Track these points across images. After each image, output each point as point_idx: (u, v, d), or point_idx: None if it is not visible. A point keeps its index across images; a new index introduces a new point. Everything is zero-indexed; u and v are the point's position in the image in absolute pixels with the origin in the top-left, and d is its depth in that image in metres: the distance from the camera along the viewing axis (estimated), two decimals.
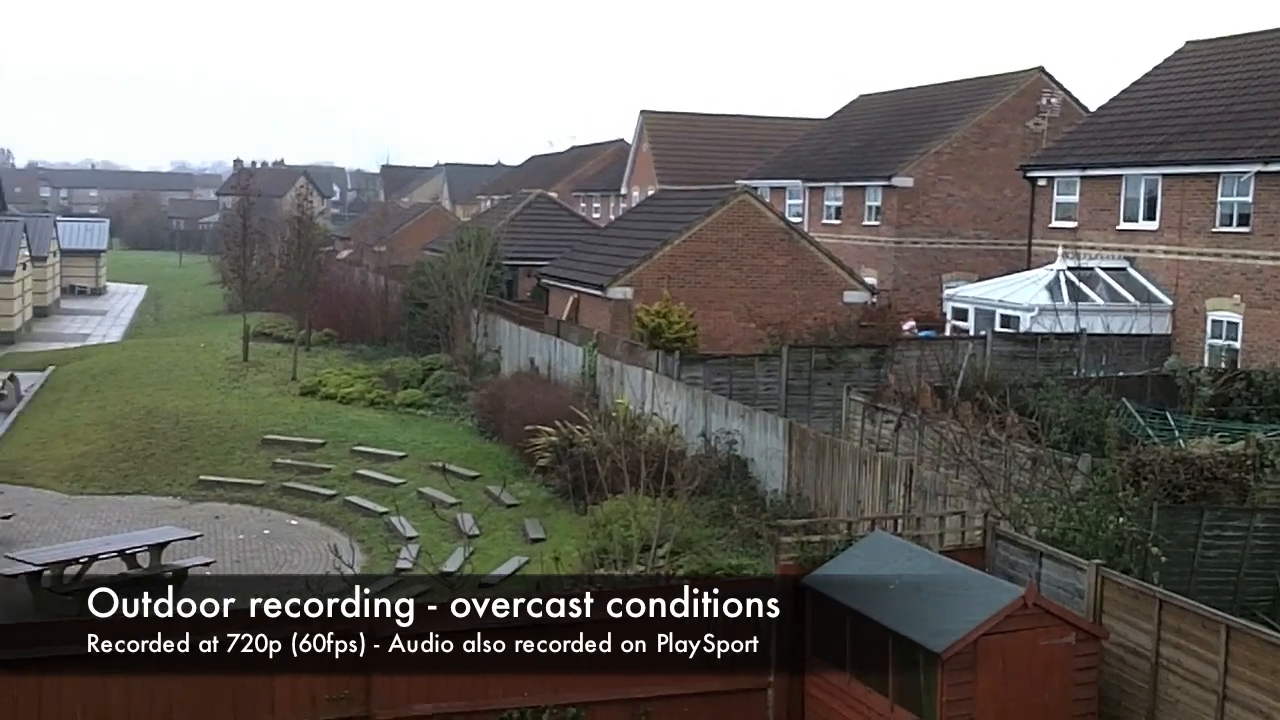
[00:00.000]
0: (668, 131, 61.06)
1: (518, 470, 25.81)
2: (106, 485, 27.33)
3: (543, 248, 44.36)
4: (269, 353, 40.38)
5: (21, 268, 54.78)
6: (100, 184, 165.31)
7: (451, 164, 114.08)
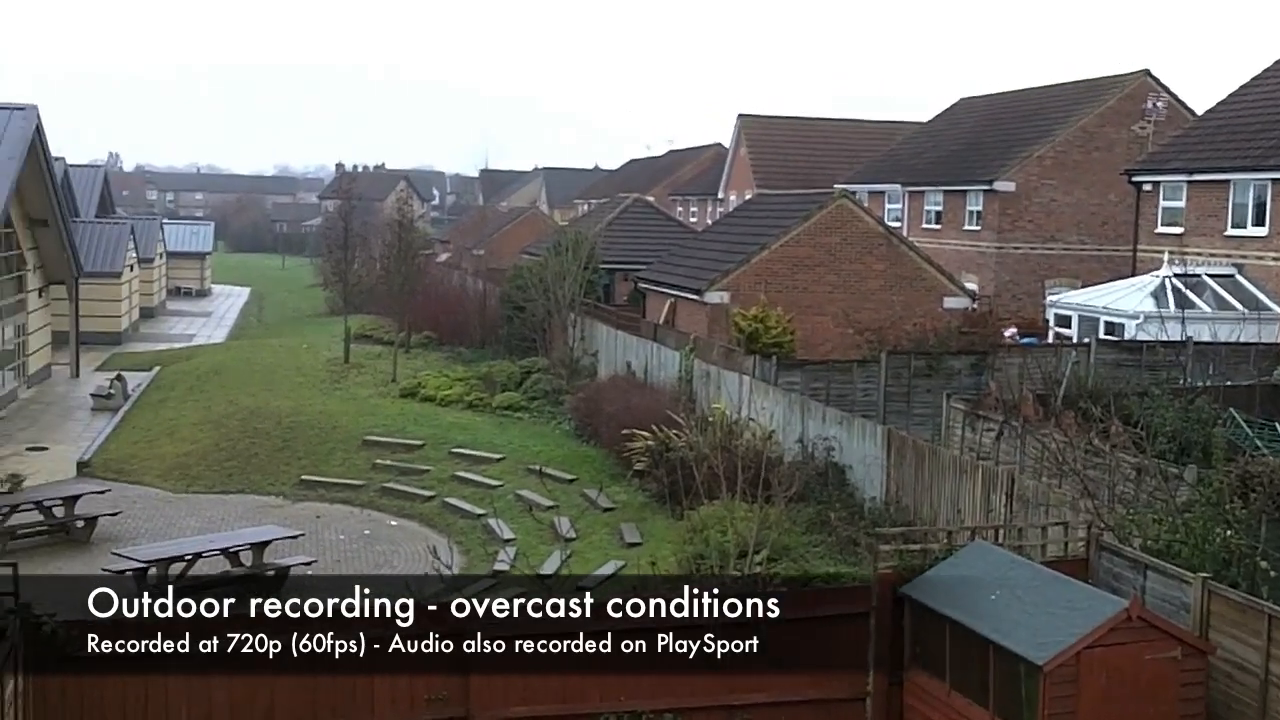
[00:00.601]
0: (765, 135, 60.89)
1: (614, 474, 25.87)
2: (210, 484, 27.87)
3: (640, 252, 44.46)
4: (369, 354, 40.92)
5: (129, 269, 56.10)
6: (206, 187, 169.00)
7: (550, 168, 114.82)
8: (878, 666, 13.35)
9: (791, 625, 13.11)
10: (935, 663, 13.06)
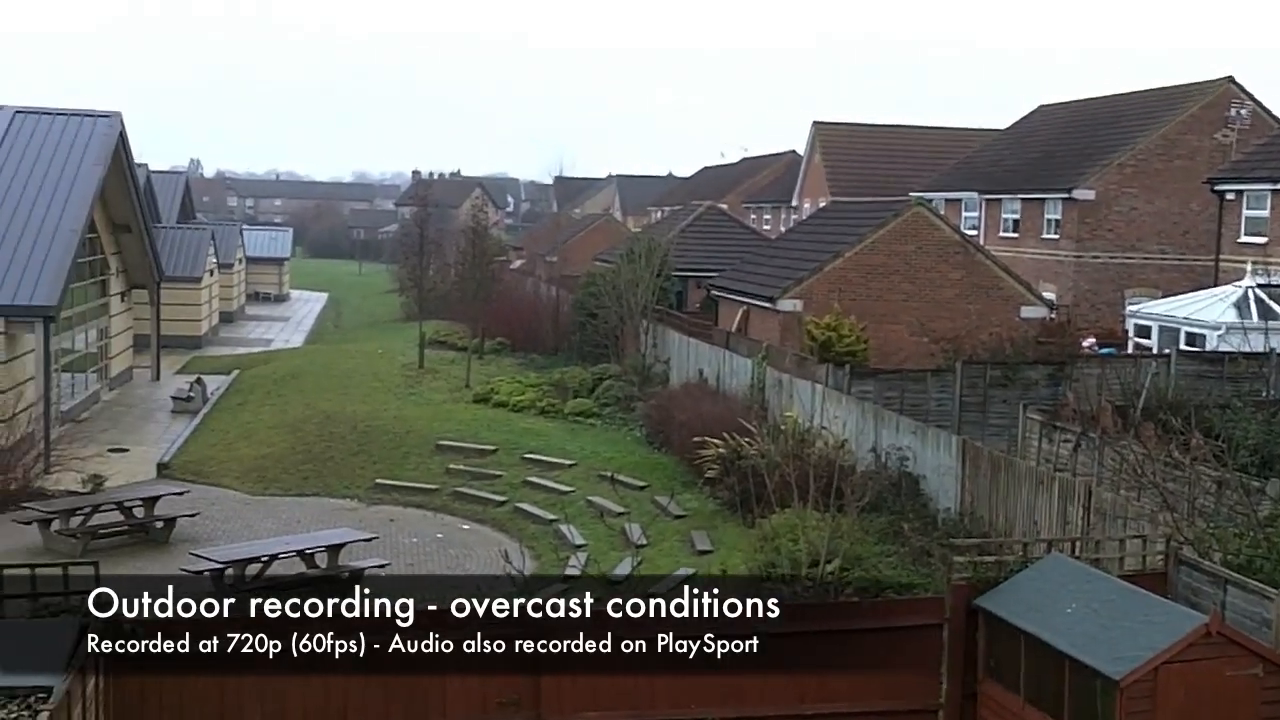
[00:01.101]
0: (840, 142, 60.64)
1: (685, 481, 25.85)
2: (287, 486, 28.21)
3: (712, 259, 44.44)
4: (444, 360, 41.24)
5: (209, 274, 56.99)
6: (284, 194, 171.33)
7: (623, 175, 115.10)
8: (951, 678, 13.23)
9: (864, 635, 13.03)
10: (1009, 676, 12.91)
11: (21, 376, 29.72)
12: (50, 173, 33.13)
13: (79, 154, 34.07)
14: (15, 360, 29.47)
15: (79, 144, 34.42)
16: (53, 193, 32.45)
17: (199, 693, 12.43)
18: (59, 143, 34.30)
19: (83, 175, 33.40)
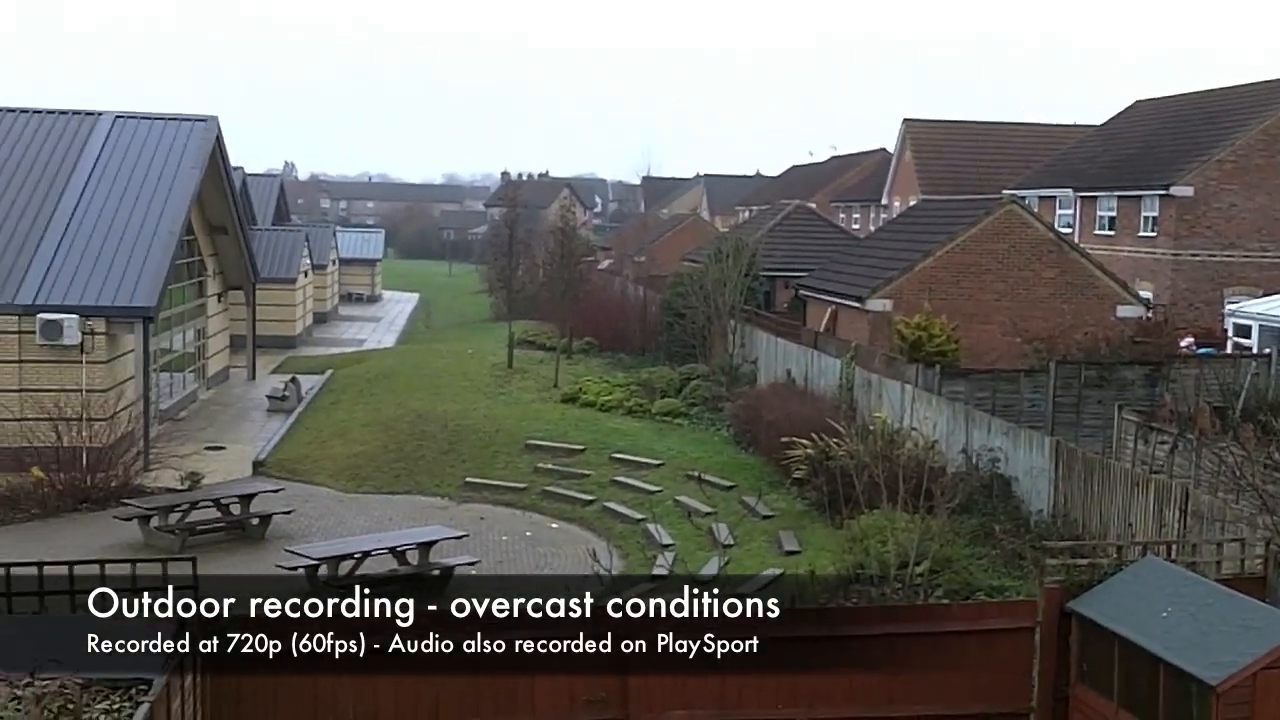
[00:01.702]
0: (931, 140, 60.05)
1: (773, 482, 25.77)
2: (379, 484, 28.56)
3: (801, 259, 44.25)
4: (532, 360, 41.50)
5: (303, 275, 57.87)
6: (376, 196, 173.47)
7: (711, 175, 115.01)
8: (1042, 682, 13.06)
9: (954, 638, 12.91)
10: (1102, 680, 12.71)
11: (122, 376, 30.41)
12: (149, 176, 33.85)
13: (176, 158, 34.76)
14: (115, 360, 30.16)
15: (176, 148, 35.12)
16: (151, 196, 33.15)
17: (293, 687, 12.62)
18: (157, 147, 35.03)
19: (180, 178, 34.07)
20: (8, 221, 31.41)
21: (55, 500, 25.27)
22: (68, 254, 30.70)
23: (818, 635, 12.77)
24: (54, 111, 35.85)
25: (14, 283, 29.64)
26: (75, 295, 29.62)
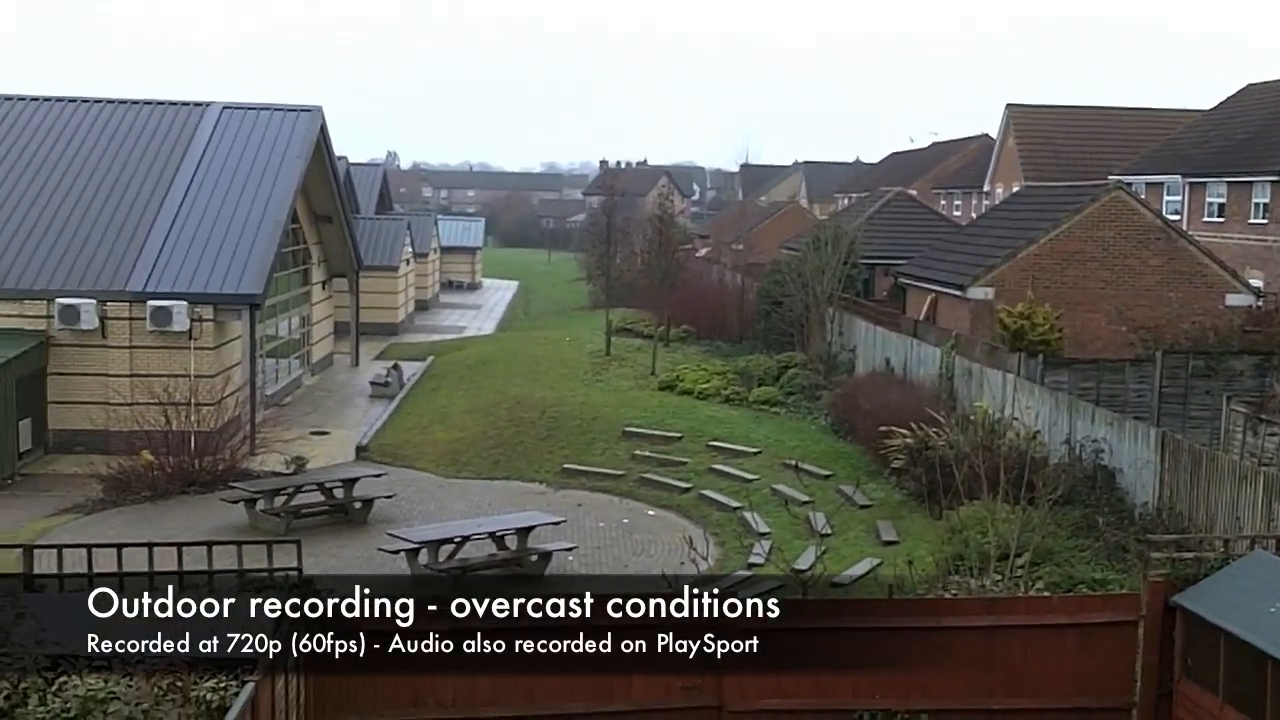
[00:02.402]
0: (1035, 125, 59.05)
1: (871, 471, 25.61)
2: (478, 470, 28.88)
3: (900, 246, 43.82)
4: (630, 347, 41.63)
5: (405, 263, 58.58)
6: (477, 184, 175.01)
7: (809, 162, 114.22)
8: (1146, 677, 12.84)
9: (1056, 631, 12.75)
10: (1208, 676, 12.47)
11: (229, 362, 31.07)
12: (255, 166, 34.51)
13: (282, 147, 35.38)
14: (223, 346, 30.82)
15: (282, 138, 35.75)
16: (258, 185, 33.79)
17: (394, 672, 12.79)
18: (263, 137, 35.68)
19: (286, 168, 34.68)
20: (119, 211, 32.24)
21: (164, 483, 25.91)
22: (176, 242, 31.42)
23: (915, 626, 12.68)
24: (164, 103, 36.68)
25: (125, 270, 30.42)
26: (184, 283, 30.32)
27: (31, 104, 36.13)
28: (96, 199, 32.60)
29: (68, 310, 29.36)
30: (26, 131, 34.95)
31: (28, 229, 31.50)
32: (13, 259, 30.62)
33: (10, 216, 31.83)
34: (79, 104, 36.30)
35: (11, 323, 29.53)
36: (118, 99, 36.65)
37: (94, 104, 36.34)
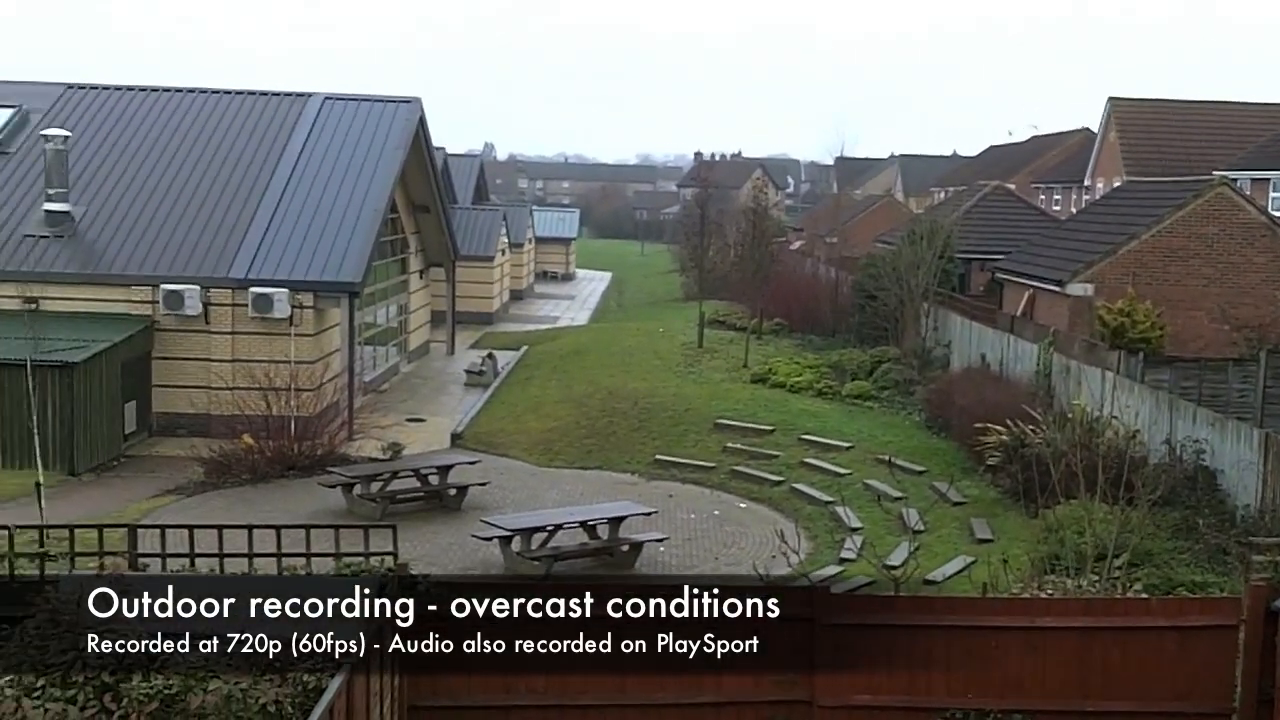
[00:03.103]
0: (1137, 119, 57.95)
1: (965, 468, 25.36)
2: (571, 459, 29.05)
3: (998, 241, 43.29)
4: (722, 340, 41.61)
5: (501, 254, 59.07)
6: (572, 176, 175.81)
7: (906, 155, 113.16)
8: (1246, 683, 12.58)
9: (1153, 633, 12.55)
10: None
11: (328, 349, 31.58)
12: (355, 156, 35.02)
13: (382, 138, 35.86)
14: (323, 333, 31.33)
15: (381, 128, 36.23)
16: (357, 175, 34.29)
17: (488, 652, 12.92)
18: (363, 128, 36.19)
19: (385, 158, 35.15)
20: (223, 199, 32.91)
21: (264, 467, 26.41)
22: (278, 230, 31.99)
23: (1010, 625, 12.55)
24: (266, 93, 37.36)
25: (228, 258, 31.05)
26: (285, 270, 30.86)
27: (140, 94, 37.01)
28: (201, 187, 33.31)
29: (172, 296, 30.04)
30: (134, 121, 35.81)
31: (134, 217, 32.29)
32: (120, 245, 31.39)
33: (118, 205, 32.64)
34: (185, 94, 37.11)
35: (118, 308, 30.28)
36: (222, 89, 37.40)
37: (199, 94, 37.13)
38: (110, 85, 37.38)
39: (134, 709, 10.16)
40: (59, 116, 35.44)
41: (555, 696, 12.63)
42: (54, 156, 31.94)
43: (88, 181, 33.17)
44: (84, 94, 36.85)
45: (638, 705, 12.61)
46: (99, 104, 36.41)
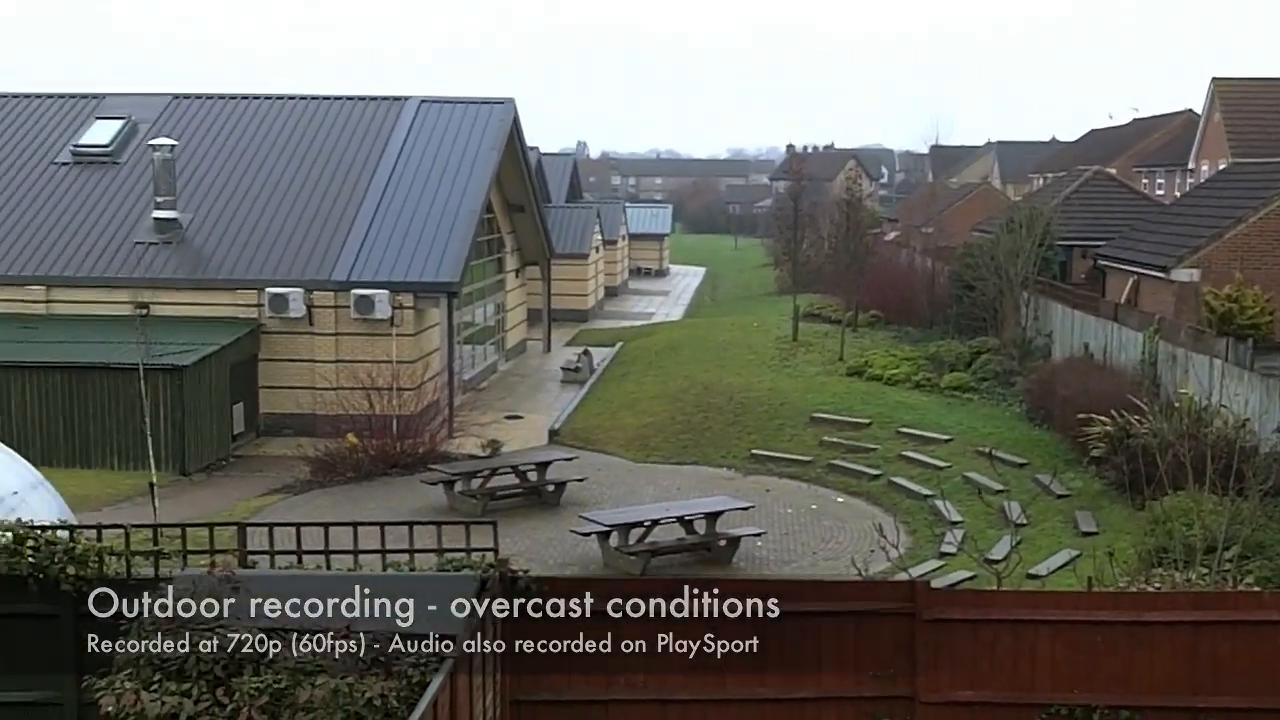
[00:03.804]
0: (1243, 100, 56.52)
1: (1068, 460, 24.98)
2: (667, 454, 29.11)
3: (1099, 227, 42.51)
4: (817, 333, 41.41)
5: (595, 251, 59.34)
6: (664, 172, 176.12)
7: (1002, 142, 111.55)
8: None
9: (1265, 628, 12.28)
10: None
11: (428, 348, 31.98)
12: (452, 157, 35.41)
13: (477, 139, 36.22)
14: (423, 333, 31.74)
15: (477, 130, 36.59)
16: (454, 176, 34.68)
17: (586, 654, 13.02)
18: (459, 129, 36.59)
19: (480, 159, 35.50)
20: (324, 203, 33.48)
21: (367, 465, 26.84)
22: (378, 232, 32.46)
23: (1116, 620, 12.36)
24: (365, 98, 37.91)
25: (330, 260, 31.58)
26: (385, 271, 31.32)
27: (242, 102, 37.77)
28: (303, 192, 33.91)
29: (277, 299, 30.61)
30: (238, 129, 36.56)
31: (239, 222, 32.98)
32: (226, 250, 32.07)
33: (224, 210, 33.36)
34: (285, 100, 37.80)
35: (225, 311, 30.94)
36: (321, 95, 38.02)
37: (300, 100, 37.80)
38: (214, 94, 38.20)
39: (245, 703, 10.39)
40: (166, 126, 36.31)
41: (655, 691, 12.68)
42: (162, 165, 32.74)
43: (194, 188, 33.93)
44: (189, 103, 37.70)
45: (738, 700, 12.62)
46: (203, 113, 37.22)
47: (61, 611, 12.30)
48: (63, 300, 31.25)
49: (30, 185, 34.35)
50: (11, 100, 37.85)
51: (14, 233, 32.70)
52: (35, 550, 12.27)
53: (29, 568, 12.22)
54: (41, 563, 12.26)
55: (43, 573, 12.24)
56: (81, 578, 12.25)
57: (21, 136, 36.34)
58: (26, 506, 14.99)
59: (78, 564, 12.31)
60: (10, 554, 12.20)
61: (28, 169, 35.01)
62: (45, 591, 12.24)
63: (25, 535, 12.37)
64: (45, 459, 24.09)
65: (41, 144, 36.02)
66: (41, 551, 12.30)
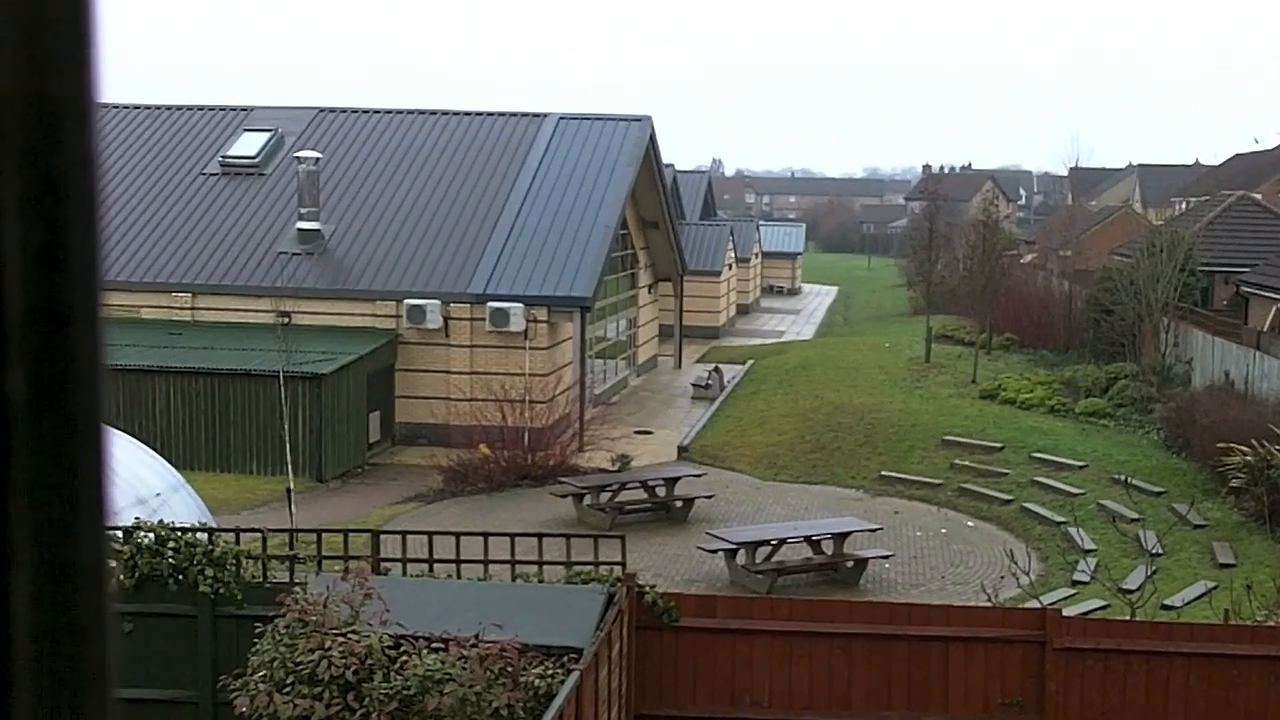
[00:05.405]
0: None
1: (1207, 489, 24.37)
2: (795, 474, 29.02)
3: (1242, 253, 41.38)
4: (950, 355, 40.93)
5: (728, 268, 59.38)
6: (798, 190, 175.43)
7: (1144, 164, 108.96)
8: None
9: None
10: None
11: (561, 362, 32.34)
12: (588, 173, 35.79)
13: (614, 156, 36.54)
14: (555, 347, 32.11)
15: (613, 146, 36.92)
16: (590, 192, 35.03)
17: (712, 662, 13.13)
18: (596, 145, 36.95)
19: (616, 175, 35.81)
20: (463, 217, 34.09)
21: (499, 476, 27.21)
22: (514, 246, 32.94)
23: (1255, 655, 12.09)
24: (505, 114, 38.51)
25: (467, 273, 32.14)
26: (521, 285, 31.75)
27: (385, 116, 38.63)
28: (443, 206, 34.57)
29: (415, 310, 31.24)
30: (380, 143, 37.41)
31: (380, 234, 33.73)
32: (366, 262, 32.83)
33: (365, 223, 34.16)
34: (427, 115, 38.56)
35: (364, 322, 31.67)
36: (463, 111, 38.71)
37: (441, 115, 38.52)
38: (358, 109, 39.14)
39: (375, 708, 10.57)
40: (311, 139, 37.28)
41: (779, 710, 12.73)
42: (306, 177, 33.63)
43: (337, 201, 34.79)
44: (334, 117, 38.67)
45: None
46: (347, 126, 38.16)
47: (199, 612, 12.69)
48: (207, 307, 32.24)
49: (180, 195, 35.51)
50: (164, 112, 39.18)
51: (163, 241, 33.82)
52: (176, 551, 12.65)
53: (169, 568, 12.61)
54: (181, 564, 12.65)
55: (182, 573, 12.62)
56: (219, 579, 12.64)
57: (173, 147, 37.57)
58: (168, 508, 15.28)
59: (216, 566, 12.70)
60: (152, 554, 12.60)
61: (178, 179, 36.19)
62: (184, 592, 12.63)
63: (167, 536, 12.76)
64: (186, 462, 24.81)
65: (191, 155, 37.21)
66: (182, 553, 12.68)
